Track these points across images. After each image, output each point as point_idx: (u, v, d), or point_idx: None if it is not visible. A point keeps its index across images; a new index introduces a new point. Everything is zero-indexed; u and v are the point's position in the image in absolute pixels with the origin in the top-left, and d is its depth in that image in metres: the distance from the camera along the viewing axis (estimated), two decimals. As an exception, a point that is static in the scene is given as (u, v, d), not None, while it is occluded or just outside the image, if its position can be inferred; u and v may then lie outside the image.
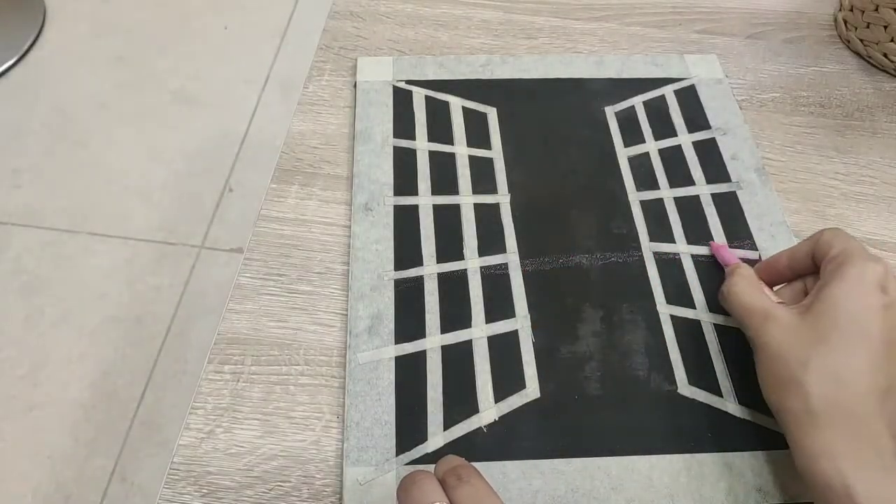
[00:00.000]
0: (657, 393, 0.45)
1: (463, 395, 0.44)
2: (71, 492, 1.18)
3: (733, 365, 0.46)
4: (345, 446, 0.42)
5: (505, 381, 0.45)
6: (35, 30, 1.81)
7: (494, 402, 0.44)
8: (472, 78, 0.62)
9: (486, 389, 0.45)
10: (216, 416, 0.44)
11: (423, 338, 0.47)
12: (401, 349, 0.46)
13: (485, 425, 0.43)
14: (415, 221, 0.52)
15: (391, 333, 0.47)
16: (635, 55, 0.65)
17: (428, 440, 0.42)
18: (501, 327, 0.47)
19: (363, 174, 0.55)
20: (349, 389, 0.44)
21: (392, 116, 0.59)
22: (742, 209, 0.54)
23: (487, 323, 0.48)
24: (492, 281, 0.50)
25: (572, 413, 0.44)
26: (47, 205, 1.51)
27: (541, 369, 0.46)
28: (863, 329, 0.36)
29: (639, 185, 0.55)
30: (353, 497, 0.40)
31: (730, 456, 0.43)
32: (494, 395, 0.44)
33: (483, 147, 0.57)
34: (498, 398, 0.44)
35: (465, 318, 0.48)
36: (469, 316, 0.48)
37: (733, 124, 0.59)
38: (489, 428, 0.43)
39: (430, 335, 0.47)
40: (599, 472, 0.42)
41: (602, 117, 0.60)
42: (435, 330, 0.47)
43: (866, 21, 0.65)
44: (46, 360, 1.31)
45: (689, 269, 0.51)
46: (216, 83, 1.76)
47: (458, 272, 0.50)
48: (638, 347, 0.47)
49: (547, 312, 0.48)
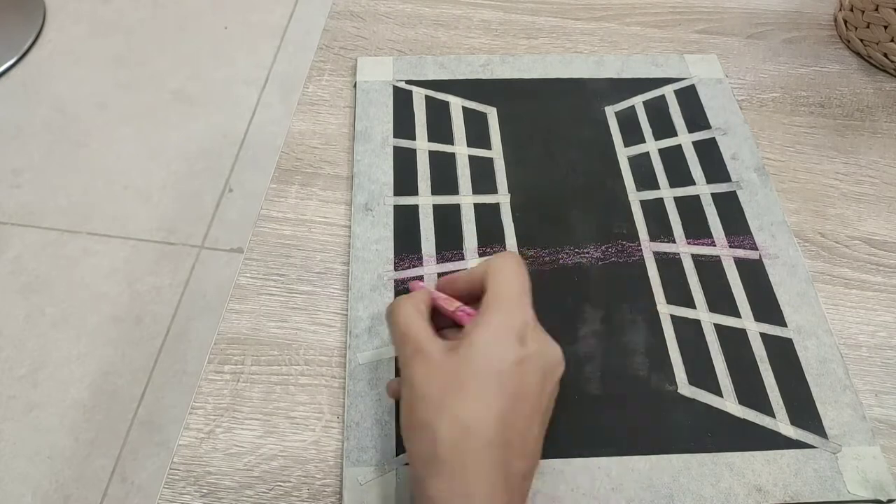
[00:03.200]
0: (657, 393, 0.45)
1: (463, 395, 0.44)
2: (71, 492, 1.18)
3: (733, 365, 0.46)
4: (345, 446, 0.42)
5: (505, 381, 0.45)
6: (35, 30, 1.82)
7: (494, 402, 0.44)
8: (472, 78, 0.62)
9: (486, 389, 0.45)
10: (216, 416, 0.44)
11: (423, 338, 0.47)
12: (401, 349, 0.46)
13: (485, 425, 0.43)
14: (415, 221, 0.52)
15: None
16: (635, 55, 0.65)
17: (428, 440, 0.42)
18: (501, 327, 0.47)
19: (363, 174, 0.55)
20: (349, 389, 0.44)
21: (392, 116, 0.59)
22: (742, 209, 0.54)
23: (487, 323, 0.47)
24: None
25: (573, 413, 0.44)
26: (47, 205, 1.51)
27: (541, 369, 0.46)
28: (497, 381, 0.35)
29: (639, 184, 0.55)
30: (353, 497, 0.40)
31: (730, 456, 0.43)
32: (494, 395, 0.44)
33: (483, 147, 0.57)
34: (498, 398, 0.44)
35: (465, 318, 0.48)
36: (469, 316, 0.48)
37: (733, 124, 0.59)
38: (489, 428, 0.43)
39: (430, 335, 0.47)
40: (599, 472, 0.42)
41: (602, 117, 0.60)
42: (435, 330, 0.47)
43: (866, 21, 0.65)
44: (46, 360, 1.31)
45: (689, 268, 0.51)
46: (216, 83, 1.76)
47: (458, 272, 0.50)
48: (638, 347, 0.47)
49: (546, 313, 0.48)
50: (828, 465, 0.42)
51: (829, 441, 0.43)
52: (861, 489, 0.41)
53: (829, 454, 0.43)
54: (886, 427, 0.45)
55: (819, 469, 0.42)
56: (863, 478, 0.42)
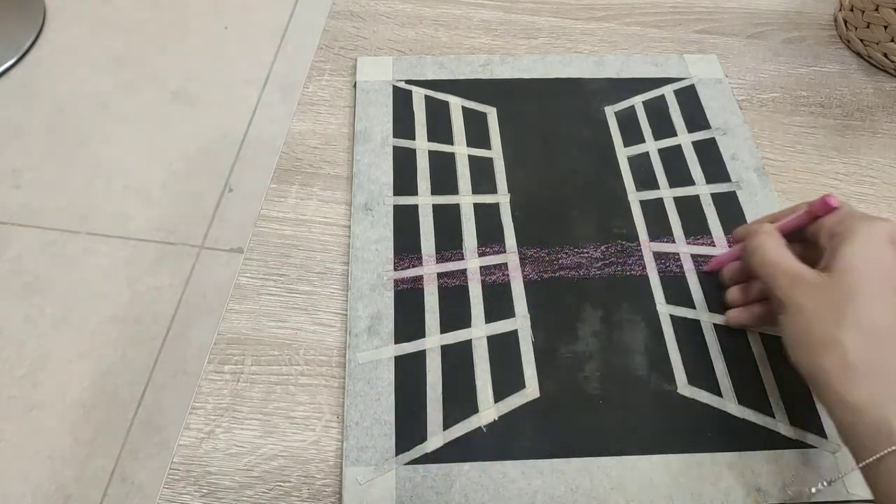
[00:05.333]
0: (657, 393, 0.45)
1: (462, 394, 0.44)
2: (71, 492, 1.17)
3: (733, 365, 0.46)
4: (344, 446, 0.42)
5: (504, 380, 0.45)
6: (35, 30, 1.81)
7: (494, 402, 0.44)
8: (471, 78, 0.62)
9: (485, 389, 0.45)
10: (216, 416, 0.44)
11: (423, 338, 0.47)
12: (400, 349, 0.46)
13: (484, 425, 0.43)
14: (414, 221, 0.52)
15: (391, 333, 0.47)
16: (635, 55, 0.65)
17: (427, 440, 0.42)
18: (501, 327, 0.47)
19: (363, 174, 0.55)
20: (349, 389, 0.44)
21: (392, 116, 0.59)
22: (742, 209, 0.54)
23: (487, 323, 0.48)
24: (491, 281, 0.50)
25: (572, 413, 0.44)
26: (47, 205, 1.51)
27: (540, 369, 0.46)
28: (885, 283, 0.37)
29: (638, 184, 0.55)
30: (352, 497, 0.40)
31: (729, 456, 0.43)
32: (494, 395, 0.44)
33: (483, 147, 0.57)
34: (497, 398, 0.44)
35: (465, 317, 0.48)
36: (469, 316, 0.48)
37: (733, 124, 0.59)
38: (489, 428, 0.43)
39: (429, 335, 0.47)
40: (599, 471, 0.42)
41: (602, 117, 0.60)
42: (434, 330, 0.47)
43: (866, 21, 0.65)
44: (46, 360, 1.31)
45: (688, 268, 0.51)
46: (216, 83, 1.76)
47: (457, 272, 0.50)
48: (638, 347, 0.47)
49: (546, 312, 0.48)
50: (827, 465, 0.42)
51: (829, 441, 0.43)
52: (861, 489, 0.41)
53: (829, 454, 0.43)
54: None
55: (818, 469, 0.42)
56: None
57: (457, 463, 0.42)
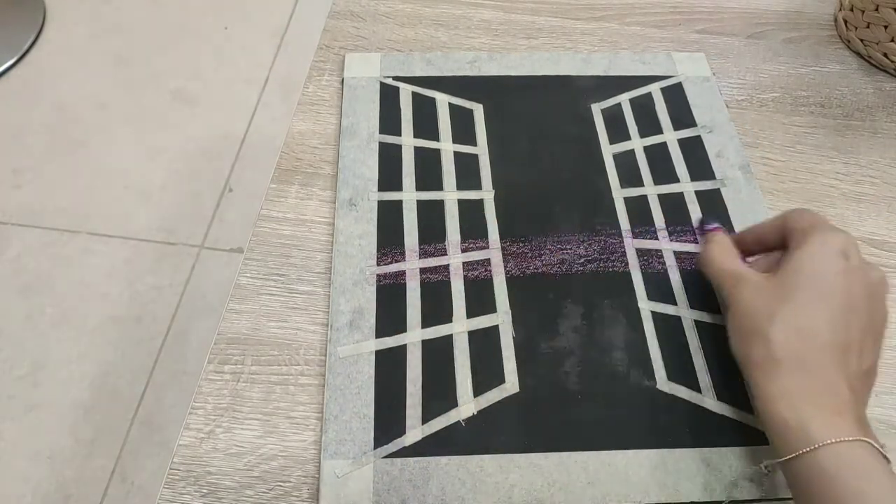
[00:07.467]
0: (636, 389, 0.45)
1: (442, 389, 0.45)
2: (71, 492, 1.18)
3: (713, 361, 0.46)
4: (323, 439, 0.42)
5: (484, 375, 0.45)
6: (35, 30, 1.82)
7: (473, 397, 0.44)
8: (459, 74, 0.62)
9: (465, 384, 0.45)
10: (216, 416, 0.44)
11: (404, 332, 0.47)
12: (381, 343, 0.46)
13: (463, 419, 0.43)
14: (398, 216, 0.53)
15: (372, 328, 0.47)
16: (622, 52, 0.65)
17: (406, 433, 0.43)
18: (482, 322, 0.48)
19: (348, 169, 0.55)
20: (329, 383, 0.44)
21: (378, 112, 0.59)
22: (726, 206, 0.54)
23: (468, 318, 0.48)
24: (474, 276, 0.50)
25: (551, 408, 0.44)
26: (47, 205, 1.52)
27: (520, 364, 0.46)
28: (825, 289, 0.38)
29: (623, 181, 0.56)
30: (329, 490, 0.40)
31: (707, 451, 0.43)
32: (473, 390, 0.45)
33: (468, 143, 0.57)
34: (477, 392, 0.44)
35: (446, 312, 0.48)
36: (450, 311, 0.48)
37: (719, 122, 0.59)
38: (467, 422, 0.43)
39: (410, 330, 0.47)
40: (576, 466, 0.42)
41: (588, 114, 0.60)
42: (416, 324, 0.47)
43: (866, 21, 0.65)
44: (46, 360, 1.31)
45: (670, 266, 0.51)
46: (216, 83, 1.76)
47: (440, 267, 0.50)
48: (618, 343, 0.47)
49: (528, 308, 0.48)
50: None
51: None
52: None
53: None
54: (886, 427, 0.45)
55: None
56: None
57: (434, 457, 0.42)
